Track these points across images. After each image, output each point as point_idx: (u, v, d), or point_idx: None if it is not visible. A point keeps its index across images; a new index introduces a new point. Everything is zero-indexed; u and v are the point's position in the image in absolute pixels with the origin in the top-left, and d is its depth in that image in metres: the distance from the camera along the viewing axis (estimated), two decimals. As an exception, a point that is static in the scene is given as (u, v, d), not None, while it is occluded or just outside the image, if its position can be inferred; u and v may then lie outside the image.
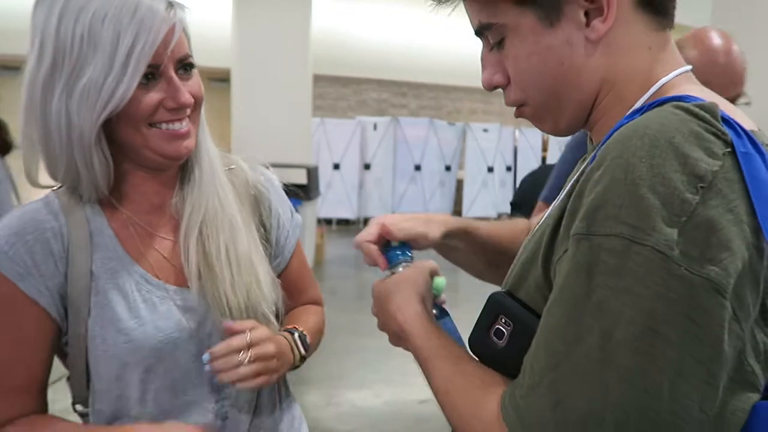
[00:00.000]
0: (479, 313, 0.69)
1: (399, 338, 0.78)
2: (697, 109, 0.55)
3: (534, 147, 10.35)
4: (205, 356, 0.86)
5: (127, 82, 0.80)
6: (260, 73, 6.02)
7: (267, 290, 0.96)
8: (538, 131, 10.86)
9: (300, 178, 5.60)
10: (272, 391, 1.01)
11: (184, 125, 0.88)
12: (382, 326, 0.82)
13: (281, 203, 1.06)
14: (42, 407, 0.90)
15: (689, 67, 0.67)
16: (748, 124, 0.59)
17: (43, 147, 0.85)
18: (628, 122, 0.57)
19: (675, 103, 0.57)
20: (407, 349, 0.77)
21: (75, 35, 0.80)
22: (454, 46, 10.52)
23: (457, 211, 9.87)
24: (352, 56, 10.13)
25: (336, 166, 9.01)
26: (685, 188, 0.51)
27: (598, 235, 0.52)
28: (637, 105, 0.64)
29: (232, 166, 1.01)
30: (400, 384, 3.54)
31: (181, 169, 0.95)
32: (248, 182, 1.01)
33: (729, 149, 0.53)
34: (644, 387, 0.50)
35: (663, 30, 0.66)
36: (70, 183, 0.88)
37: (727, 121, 0.55)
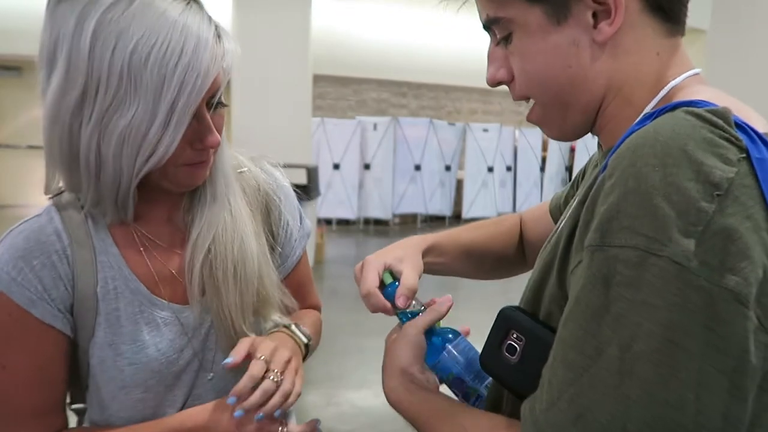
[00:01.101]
0: (489, 330, 0.69)
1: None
2: (709, 115, 0.54)
3: (534, 147, 10.34)
4: (231, 399, 0.82)
5: (171, 137, 0.76)
6: (260, 73, 6.01)
7: (276, 304, 0.95)
8: (538, 131, 10.82)
9: (300, 178, 5.60)
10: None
11: (204, 158, 0.85)
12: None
13: (291, 210, 1.02)
14: (65, 421, 0.88)
15: (698, 69, 0.66)
16: (762, 126, 0.58)
17: (66, 169, 0.81)
18: (639, 129, 0.56)
19: (686, 108, 0.56)
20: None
21: (113, 68, 0.72)
22: (454, 46, 10.51)
23: (457, 211, 9.87)
24: (352, 56, 10.13)
25: (336, 166, 9.01)
26: (700, 197, 0.50)
27: (612, 247, 0.52)
28: (647, 109, 0.63)
29: (243, 169, 0.98)
30: (400, 384, 3.53)
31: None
32: (259, 188, 0.98)
33: (744, 155, 0.52)
34: (666, 399, 0.49)
35: (673, 36, 0.65)
36: (94, 205, 0.84)
37: (741, 126, 0.54)
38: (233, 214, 0.91)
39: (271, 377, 0.83)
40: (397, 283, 0.84)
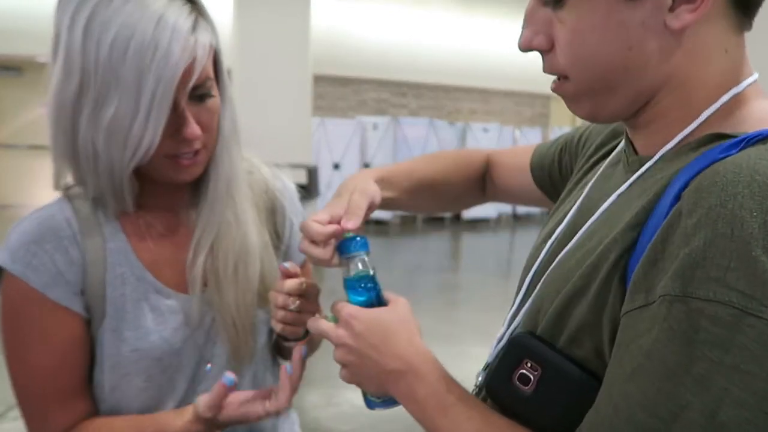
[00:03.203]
0: (499, 357, 0.64)
1: (396, 379, 0.66)
2: None
3: (534, 147, 10.34)
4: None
5: (153, 131, 0.76)
6: (260, 73, 6.01)
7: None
8: (538, 131, 10.71)
9: (300, 178, 5.60)
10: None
11: (191, 155, 0.84)
12: (365, 365, 0.68)
13: (297, 214, 1.03)
14: (93, 404, 0.88)
15: (756, 75, 0.59)
16: None
17: (70, 162, 0.83)
18: (722, 158, 0.49)
19: None
20: (400, 393, 0.67)
21: (99, 60, 0.74)
22: (454, 46, 10.51)
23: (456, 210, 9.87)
24: (352, 56, 10.12)
25: (336, 166, 9.01)
26: None
27: (697, 299, 0.45)
28: (705, 115, 0.57)
29: (253, 170, 0.99)
30: (400, 384, 3.53)
31: (197, 179, 0.91)
32: (267, 189, 1.00)
33: None
34: None
35: (742, 33, 0.58)
36: (98, 197, 0.86)
37: None
38: (237, 213, 0.91)
39: (290, 300, 0.84)
40: (354, 242, 0.73)
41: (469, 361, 0.66)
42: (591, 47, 0.56)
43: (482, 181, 1.06)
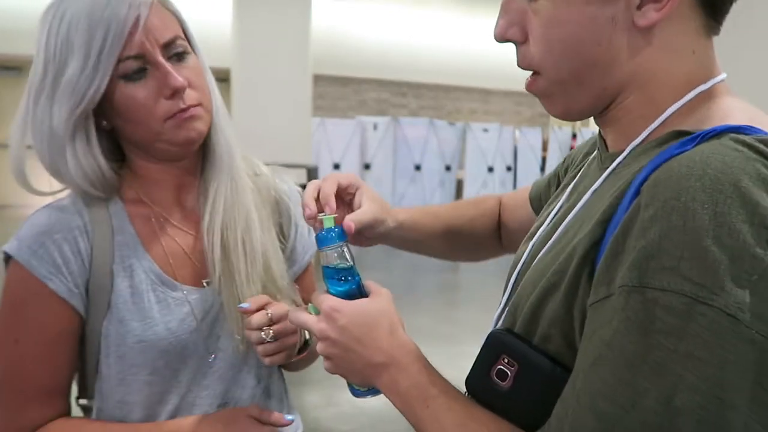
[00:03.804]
0: (478, 353, 0.64)
1: (380, 372, 0.67)
2: (762, 146, 0.49)
3: (534, 147, 10.35)
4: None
5: (101, 75, 0.80)
6: (260, 73, 6.02)
7: (285, 291, 0.96)
8: (538, 131, 10.68)
9: (300, 178, 5.60)
10: (280, 402, 1.02)
11: (188, 105, 0.85)
12: (348, 359, 0.68)
13: (301, 217, 1.04)
14: (68, 407, 0.90)
15: (724, 75, 0.61)
16: None
17: (43, 157, 0.85)
18: (678, 154, 0.51)
19: (734, 136, 0.51)
20: (383, 385, 0.67)
21: (57, 45, 0.80)
22: (454, 46, 10.51)
23: (457, 211, 9.87)
24: (352, 56, 10.13)
25: (336, 166, 9.01)
26: (755, 242, 0.45)
27: (652, 289, 0.47)
28: (669, 112, 0.58)
29: (259, 173, 1.01)
30: (400, 384, 3.53)
31: (199, 161, 0.94)
32: (272, 191, 1.02)
33: None
34: None
35: (710, 36, 0.59)
36: (77, 187, 0.87)
37: None
38: (238, 189, 0.93)
39: (263, 331, 0.86)
40: (333, 234, 0.73)
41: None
42: (563, 41, 0.58)
43: (498, 228, 1.07)
